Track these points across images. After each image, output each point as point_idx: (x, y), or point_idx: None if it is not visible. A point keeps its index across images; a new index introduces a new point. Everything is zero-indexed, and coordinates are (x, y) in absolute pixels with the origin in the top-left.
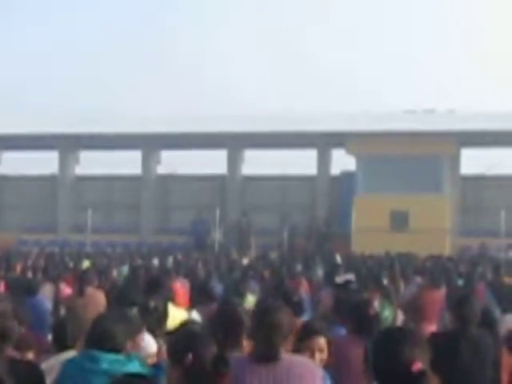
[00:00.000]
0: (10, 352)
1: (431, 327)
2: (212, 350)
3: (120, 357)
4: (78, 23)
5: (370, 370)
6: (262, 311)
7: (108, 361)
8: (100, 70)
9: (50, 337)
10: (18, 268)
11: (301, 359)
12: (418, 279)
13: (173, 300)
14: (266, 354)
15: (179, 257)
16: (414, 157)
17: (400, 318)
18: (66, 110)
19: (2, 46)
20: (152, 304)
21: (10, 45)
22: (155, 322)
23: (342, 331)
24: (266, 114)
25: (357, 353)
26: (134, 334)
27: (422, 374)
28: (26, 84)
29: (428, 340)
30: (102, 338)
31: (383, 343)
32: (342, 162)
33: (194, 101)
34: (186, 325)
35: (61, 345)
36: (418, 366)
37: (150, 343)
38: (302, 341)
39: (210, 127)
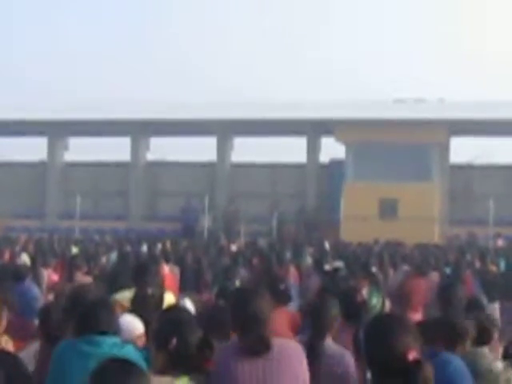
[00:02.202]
0: None
1: (416, 316)
2: (197, 334)
3: (117, 340)
4: (70, 12)
5: (364, 359)
6: (244, 301)
7: (109, 345)
8: (90, 57)
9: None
10: (7, 254)
11: (283, 342)
12: (406, 267)
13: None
14: (258, 348)
15: (168, 244)
16: (404, 145)
17: (388, 305)
18: (55, 96)
19: None
20: (150, 291)
21: None
22: (152, 308)
23: None
24: (255, 101)
25: (344, 339)
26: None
27: (417, 362)
28: (15, 70)
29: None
30: (101, 322)
31: (377, 333)
32: (332, 149)
33: (183, 88)
34: (171, 310)
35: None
36: (413, 354)
37: (135, 325)
38: None
39: (199, 114)
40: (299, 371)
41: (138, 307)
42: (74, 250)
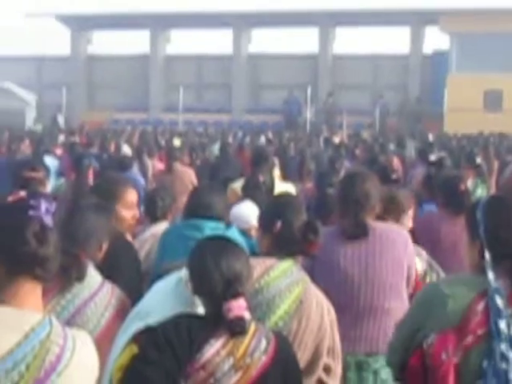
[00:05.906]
0: None
1: None
2: (302, 218)
3: (220, 224)
4: None
5: (480, 240)
6: (348, 183)
7: (210, 228)
8: None
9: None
10: (112, 146)
11: (387, 226)
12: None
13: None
14: (356, 232)
15: (271, 135)
16: (509, 35)
17: None
18: None
19: None
20: (261, 178)
21: None
22: (264, 194)
23: (432, 207)
24: None
25: (446, 228)
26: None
27: None
28: None
29: None
30: (203, 206)
31: (500, 211)
32: (436, 40)
33: None
34: (278, 195)
35: (153, 216)
36: None
37: (254, 214)
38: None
39: (300, 5)
40: (403, 256)
41: (249, 194)
42: (177, 142)
